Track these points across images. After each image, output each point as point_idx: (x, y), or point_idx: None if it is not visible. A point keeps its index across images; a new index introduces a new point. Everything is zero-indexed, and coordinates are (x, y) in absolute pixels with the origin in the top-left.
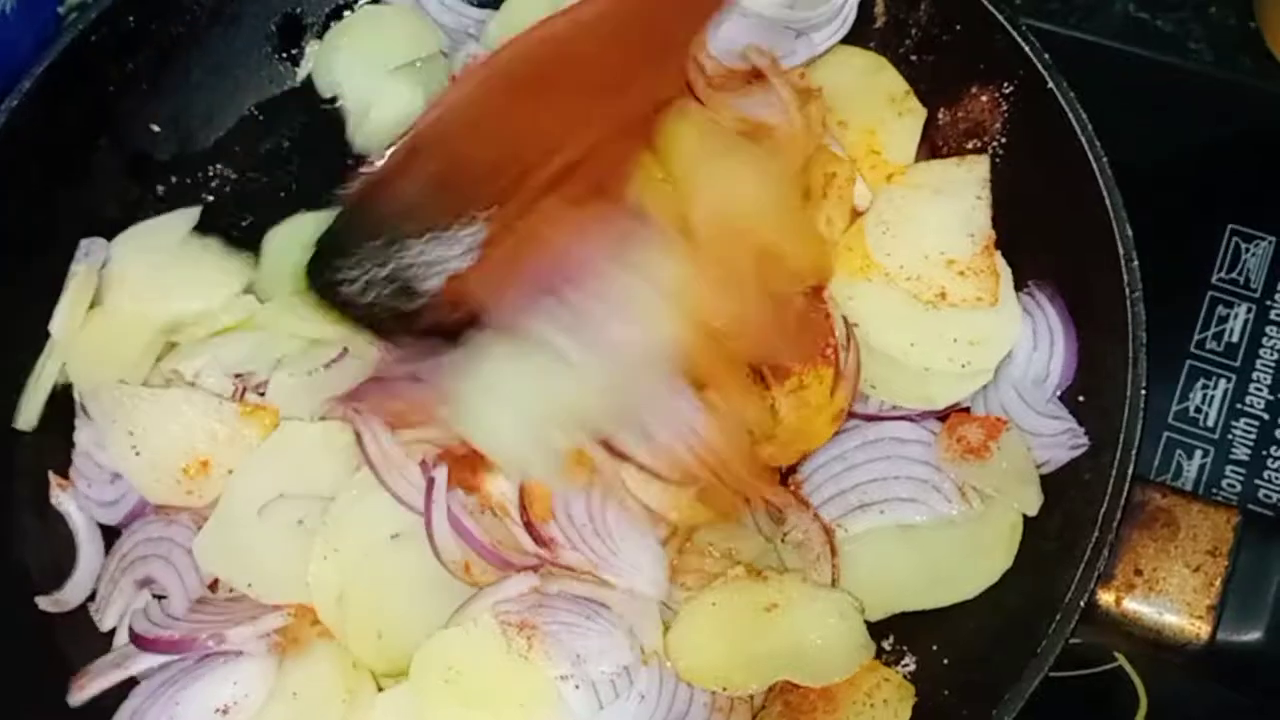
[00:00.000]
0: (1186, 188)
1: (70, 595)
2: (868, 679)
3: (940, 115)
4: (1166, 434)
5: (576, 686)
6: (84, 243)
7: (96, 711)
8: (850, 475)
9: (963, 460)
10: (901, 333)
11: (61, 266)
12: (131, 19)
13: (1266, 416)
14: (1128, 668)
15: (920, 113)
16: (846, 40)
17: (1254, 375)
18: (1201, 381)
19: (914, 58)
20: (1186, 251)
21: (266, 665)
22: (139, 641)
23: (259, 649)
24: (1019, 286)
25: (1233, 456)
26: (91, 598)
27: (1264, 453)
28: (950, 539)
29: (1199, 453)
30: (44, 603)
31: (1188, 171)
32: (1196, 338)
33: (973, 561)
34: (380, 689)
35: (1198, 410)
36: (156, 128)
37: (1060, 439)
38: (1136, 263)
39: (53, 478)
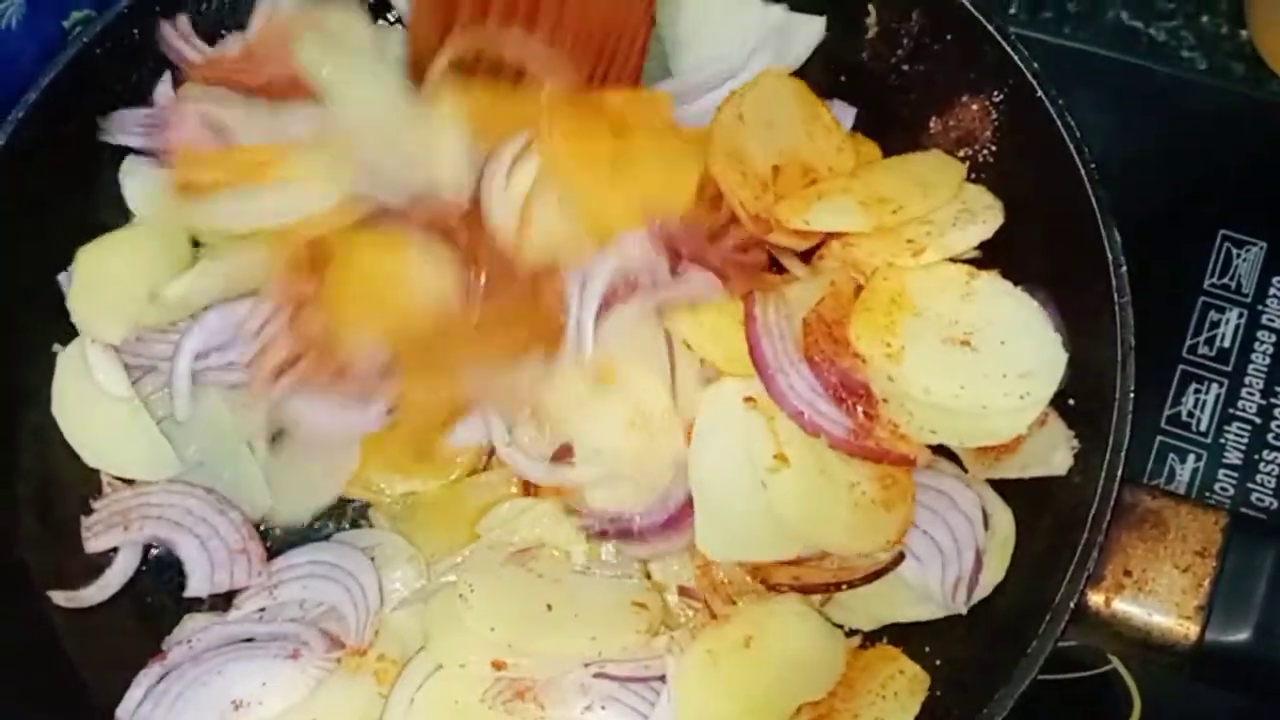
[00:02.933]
0: (1179, 194)
1: (91, 594)
2: (885, 668)
3: (932, 124)
4: (1159, 438)
5: (603, 708)
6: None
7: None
8: None
9: (995, 461)
10: (946, 380)
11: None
12: (135, 32)
13: (1259, 421)
14: (1122, 670)
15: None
16: (838, 48)
17: (1246, 380)
18: (1194, 386)
19: (905, 67)
20: (1178, 257)
21: (301, 678)
22: None
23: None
24: None
25: (1225, 461)
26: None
27: (1256, 457)
28: None
29: (1191, 457)
30: (59, 598)
31: (1180, 178)
32: (1189, 343)
33: None
34: None
35: (1190, 415)
36: None
37: None
38: (1125, 268)
39: (104, 476)
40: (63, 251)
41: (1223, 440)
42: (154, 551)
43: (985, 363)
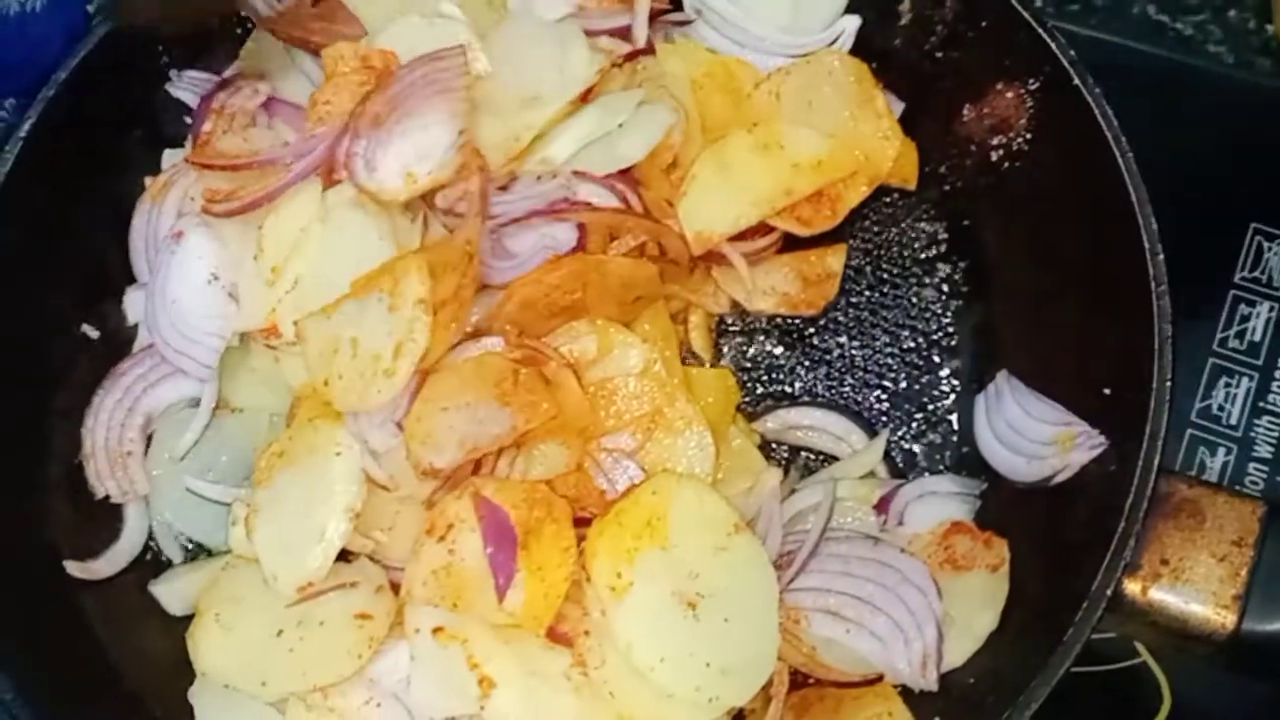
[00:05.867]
0: (1208, 188)
1: (103, 566)
2: (875, 705)
3: (965, 111)
4: (1190, 431)
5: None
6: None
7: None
8: (841, 581)
9: (939, 568)
10: (652, 645)
11: (95, 256)
12: None
13: None
14: (1151, 663)
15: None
16: (872, 36)
17: (1276, 373)
18: (1224, 380)
19: (939, 54)
20: (1209, 251)
21: None
22: None
23: None
24: (1045, 285)
25: (1255, 454)
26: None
27: None
28: None
29: (1222, 450)
30: (74, 568)
31: (1209, 172)
32: (1219, 336)
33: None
34: None
35: (1220, 408)
36: (189, 119)
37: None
38: (1162, 256)
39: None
40: (92, 230)
41: (1253, 434)
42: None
43: (698, 637)
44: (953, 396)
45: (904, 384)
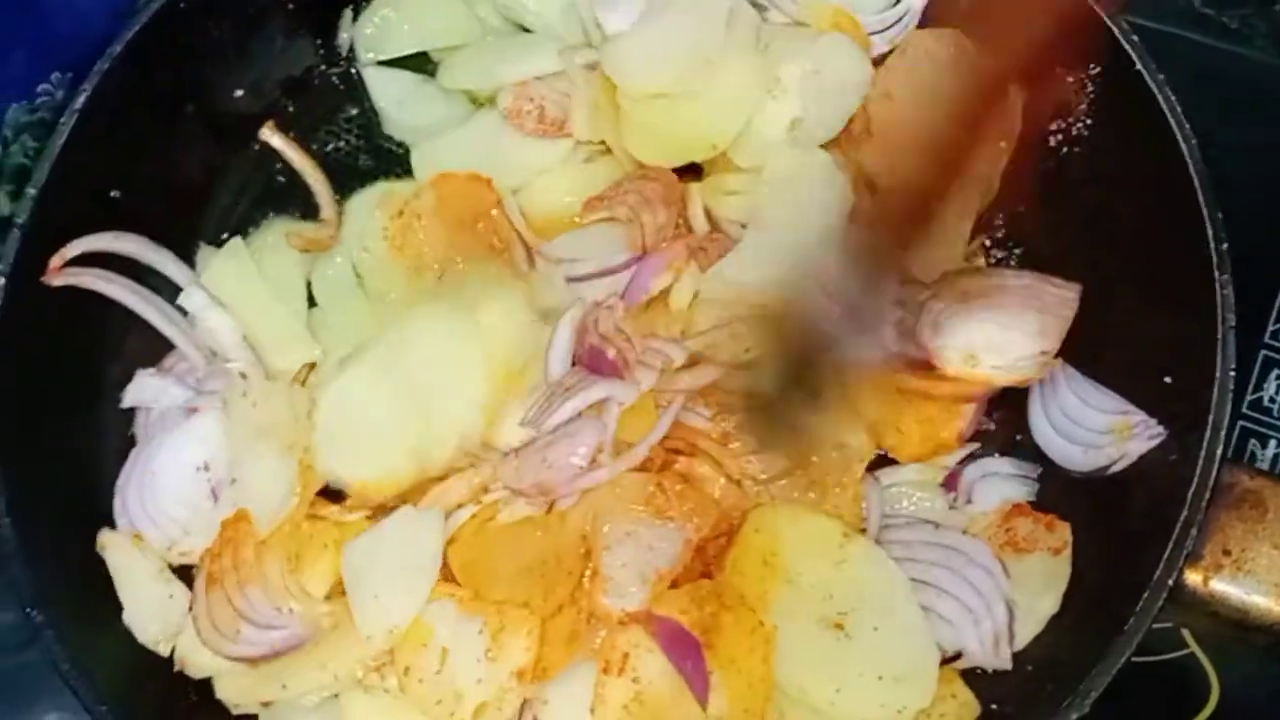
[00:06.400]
0: (1259, 179)
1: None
2: (939, 689)
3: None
4: (1240, 423)
5: None
6: None
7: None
8: (906, 568)
9: (1000, 550)
10: (823, 678)
11: (145, 228)
12: None
13: None
14: (1200, 655)
15: None
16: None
17: None
18: (1275, 372)
19: None
20: (1258, 242)
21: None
22: None
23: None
24: (1102, 272)
25: None
26: None
27: None
28: None
29: (1273, 442)
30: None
31: (1260, 163)
32: (1271, 328)
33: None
34: None
35: (1271, 400)
36: (240, 93)
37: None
38: (1226, 244)
39: None
40: (143, 207)
41: None
42: None
43: (859, 655)
44: None
45: None
